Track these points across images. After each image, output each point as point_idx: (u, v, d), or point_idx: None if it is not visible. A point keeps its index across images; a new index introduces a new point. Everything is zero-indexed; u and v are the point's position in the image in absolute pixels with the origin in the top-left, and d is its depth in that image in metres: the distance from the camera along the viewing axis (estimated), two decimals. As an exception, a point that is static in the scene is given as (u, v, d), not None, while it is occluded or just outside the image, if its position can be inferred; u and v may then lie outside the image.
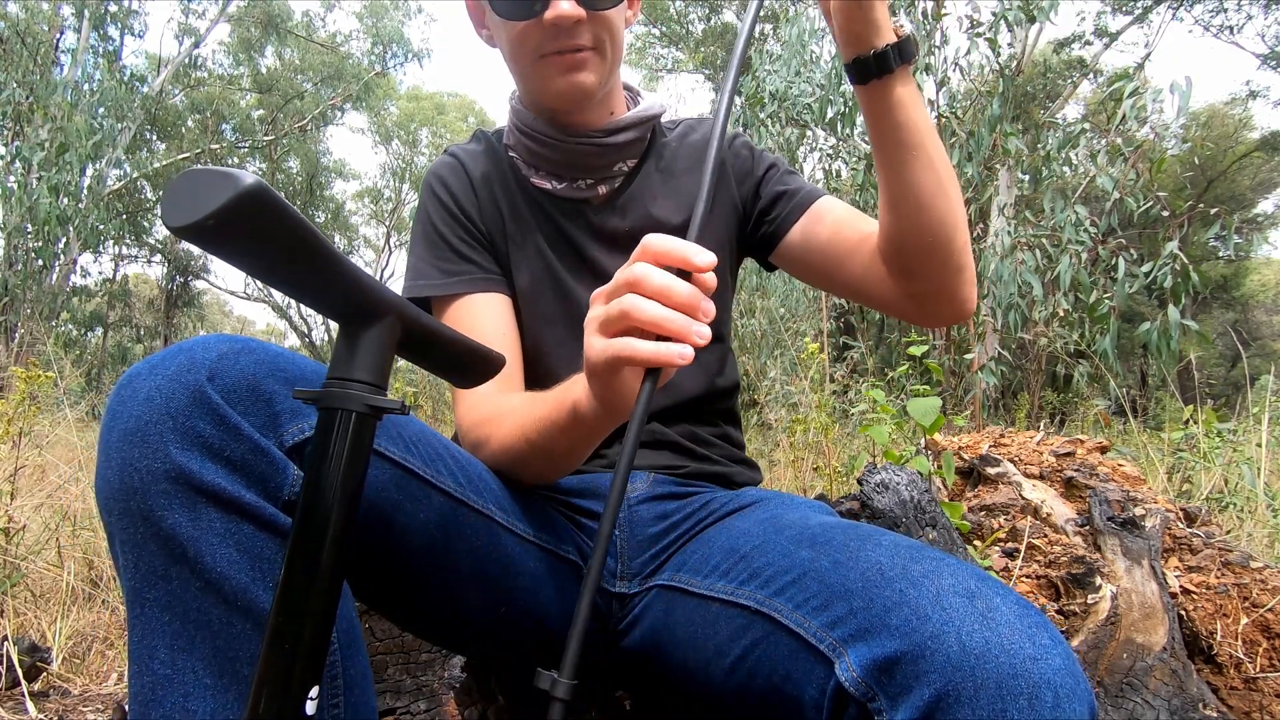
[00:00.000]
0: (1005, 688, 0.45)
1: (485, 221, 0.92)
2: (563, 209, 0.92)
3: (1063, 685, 0.46)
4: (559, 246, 0.91)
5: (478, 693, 0.91)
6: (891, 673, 0.49)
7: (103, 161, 9.22)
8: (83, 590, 1.91)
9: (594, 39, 0.82)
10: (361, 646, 0.61)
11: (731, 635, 0.63)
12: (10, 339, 7.81)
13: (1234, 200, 13.88)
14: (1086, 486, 1.35)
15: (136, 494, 0.50)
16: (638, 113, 0.91)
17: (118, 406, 0.52)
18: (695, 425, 0.92)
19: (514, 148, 0.94)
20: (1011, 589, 0.52)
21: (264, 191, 0.36)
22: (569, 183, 0.91)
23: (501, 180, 0.93)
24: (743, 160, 0.96)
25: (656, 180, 0.94)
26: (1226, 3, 11.37)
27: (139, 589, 0.51)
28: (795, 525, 0.67)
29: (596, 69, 0.83)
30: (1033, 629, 0.48)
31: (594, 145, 0.89)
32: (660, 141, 0.97)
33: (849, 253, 0.86)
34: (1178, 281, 3.15)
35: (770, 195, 0.93)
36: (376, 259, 20.36)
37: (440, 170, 0.94)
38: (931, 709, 0.46)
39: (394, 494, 0.64)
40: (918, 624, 0.49)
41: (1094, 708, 0.47)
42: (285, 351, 0.59)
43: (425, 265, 0.90)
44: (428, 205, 0.93)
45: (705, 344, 0.55)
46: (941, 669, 0.46)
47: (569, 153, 0.89)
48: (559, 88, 0.83)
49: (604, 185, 0.91)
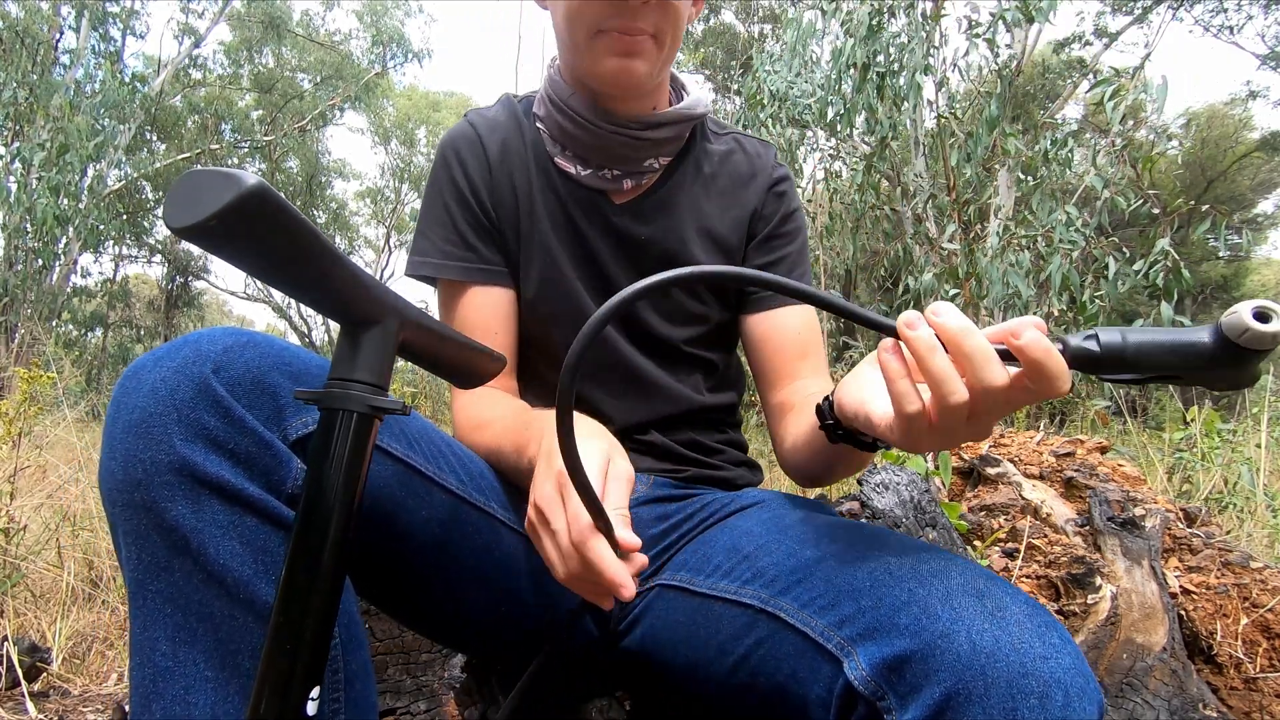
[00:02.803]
0: (1016, 686, 0.45)
1: (497, 206, 0.88)
2: (581, 201, 0.88)
3: (1073, 684, 0.46)
4: (570, 245, 0.88)
5: (478, 693, 0.91)
6: (901, 671, 0.48)
7: (103, 162, 9.22)
8: (83, 590, 1.91)
9: (655, 26, 0.78)
10: (363, 643, 0.61)
11: (734, 634, 0.62)
12: (10, 339, 7.81)
13: (1234, 200, 13.88)
14: (1086, 486, 1.36)
15: (140, 486, 0.50)
16: (680, 109, 0.87)
17: (122, 398, 0.52)
18: (698, 433, 0.91)
19: (543, 120, 0.89)
20: (1019, 589, 0.52)
21: (266, 192, 0.36)
22: (595, 170, 0.86)
23: (521, 157, 0.88)
24: (774, 197, 0.93)
25: (689, 190, 0.90)
26: (1226, 3, 11.37)
27: (141, 580, 0.51)
28: (799, 525, 0.67)
29: (651, 58, 0.79)
30: (1042, 628, 0.48)
31: (628, 137, 0.84)
32: (702, 146, 0.92)
33: (770, 384, 0.89)
34: (1170, 279, 3.16)
35: (760, 264, 0.91)
36: (376, 259, 20.35)
37: (457, 142, 0.89)
38: (942, 707, 0.46)
39: (396, 491, 0.64)
40: (927, 622, 0.49)
41: (1103, 707, 0.47)
42: (290, 345, 0.60)
43: (428, 242, 0.88)
44: (440, 179, 0.89)
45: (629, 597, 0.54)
46: (952, 667, 0.46)
47: (601, 139, 0.85)
48: (608, 69, 0.78)
49: (630, 180, 0.87)
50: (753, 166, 0.93)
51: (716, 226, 0.91)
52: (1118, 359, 0.47)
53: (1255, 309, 0.44)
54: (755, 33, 10.78)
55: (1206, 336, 0.45)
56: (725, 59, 12.49)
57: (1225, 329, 0.44)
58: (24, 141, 7.89)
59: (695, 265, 0.87)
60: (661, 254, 0.89)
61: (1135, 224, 3.93)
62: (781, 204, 0.93)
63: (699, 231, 0.89)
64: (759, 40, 9.13)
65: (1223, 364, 0.45)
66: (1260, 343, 0.44)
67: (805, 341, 0.89)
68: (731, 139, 0.95)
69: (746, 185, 0.92)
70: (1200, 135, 13.83)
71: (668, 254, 0.89)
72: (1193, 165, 13.88)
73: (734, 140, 0.95)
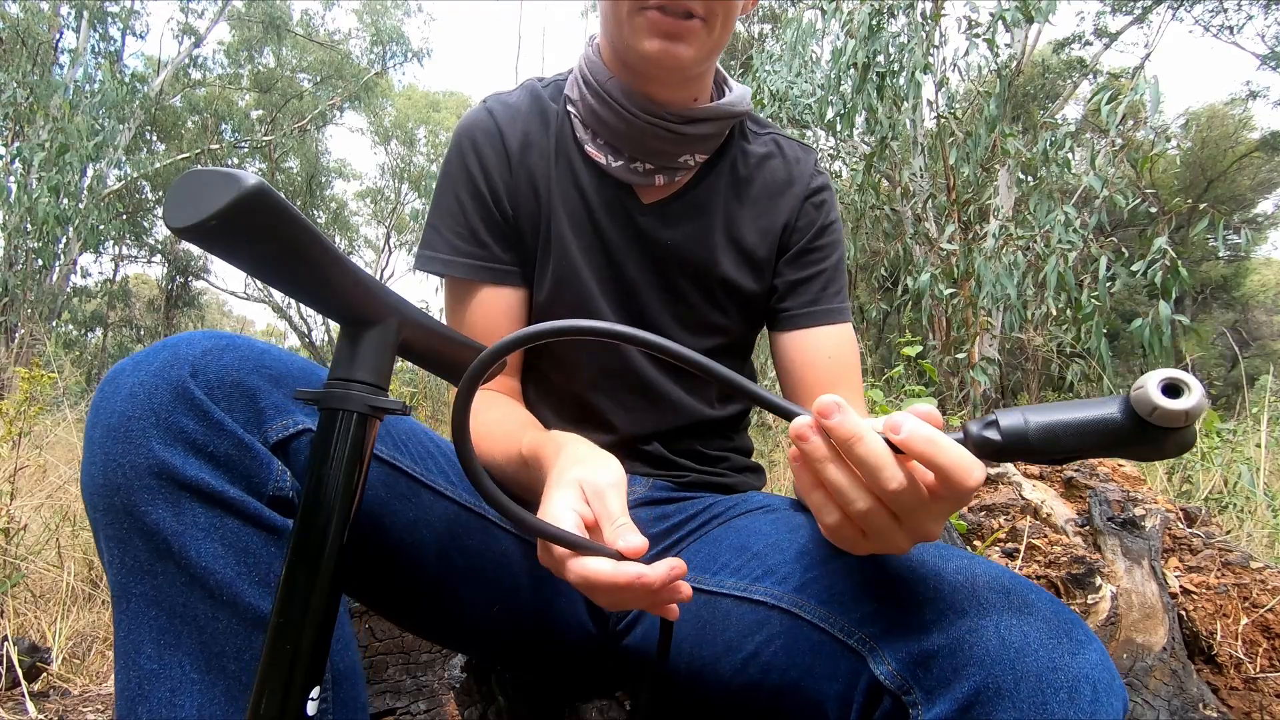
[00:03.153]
0: (1045, 681, 0.45)
1: (515, 204, 0.83)
2: (605, 199, 0.83)
3: (1100, 680, 0.46)
4: (589, 246, 0.83)
5: (478, 693, 0.91)
6: (929, 666, 0.48)
7: (103, 162, 9.22)
8: (83, 590, 1.91)
9: (706, 9, 0.72)
10: (351, 640, 0.61)
11: (743, 631, 0.62)
12: (10, 339, 7.81)
13: (1234, 200, 13.87)
14: (1086, 486, 1.36)
15: (120, 490, 0.50)
16: (723, 105, 0.82)
17: (101, 402, 0.52)
18: (703, 443, 0.90)
19: (576, 104, 0.83)
20: (1040, 586, 0.52)
21: (266, 192, 0.36)
22: (626, 161, 0.81)
23: (543, 148, 0.83)
24: (811, 208, 0.88)
25: (722, 195, 0.85)
26: (1226, 3, 11.38)
27: (125, 584, 0.51)
28: (810, 525, 0.66)
29: (699, 44, 0.74)
30: (1069, 624, 0.48)
31: (665, 130, 0.79)
32: (739, 146, 0.87)
33: (801, 401, 0.83)
34: (1167, 278, 3.17)
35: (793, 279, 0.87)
36: (377, 259, 20.35)
37: (474, 131, 0.84)
38: (970, 702, 0.46)
39: (381, 493, 0.64)
40: (955, 618, 0.49)
41: (1127, 703, 0.47)
42: (271, 348, 0.59)
43: (438, 235, 0.84)
44: (454, 167, 0.84)
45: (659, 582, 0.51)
46: (981, 662, 0.46)
47: (635, 130, 0.80)
48: (651, 50, 0.73)
49: (663, 175, 0.82)
50: (790, 174, 0.88)
51: (746, 237, 0.86)
52: (1022, 445, 0.42)
53: (1163, 382, 0.38)
54: (755, 33, 10.77)
55: (1116, 412, 0.40)
56: (725, 59, 12.51)
57: (1134, 404, 0.39)
58: (24, 142, 7.90)
59: (723, 277, 0.85)
60: (687, 262, 0.84)
61: (1135, 224, 3.94)
62: (819, 215, 0.88)
63: (729, 241, 0.85)
64: (759, 40, 9.13)
65: (1139, 440, 0.40)
66: (1171, 420, 0.38)
67: (838, 362, 0.86)
68: (770, 140, 0.90)
69: (782, 194, 0.88)
70: (1200, 135, 13.83)
71: (694, 263, 0.85)
72: (1193, 165, 13.88)
73: (773, 142, 0.90)
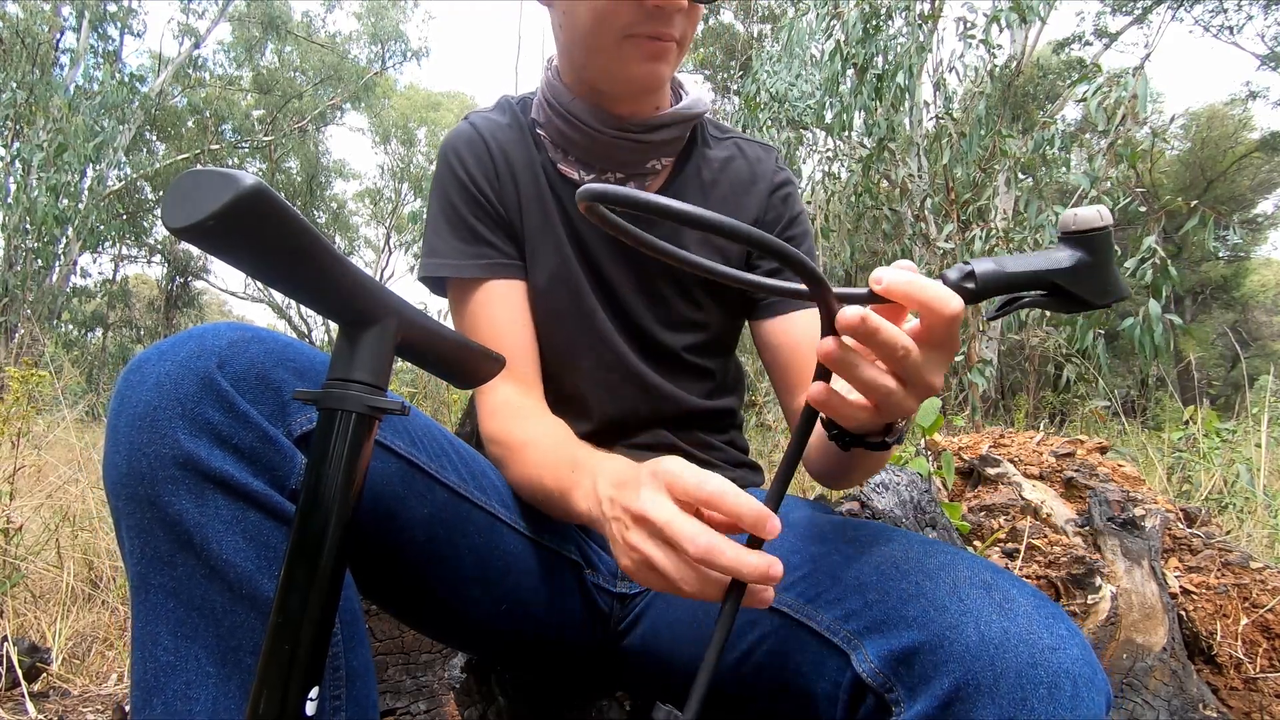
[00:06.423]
0: (1025, 677, 0.45)
1: (504, 203, 0.86)
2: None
3: (1081, 675, 0.46)
4: (575, 246, 0.86)
5: (478, 693, 0.91)
6: (910, 663, 0.49)
7: (103, 162, 9.22)
8: (83, 590, 1.91)
9: (681, 31, 0.78)
10: (364, 640, 0.61)
11: (738, 631, 0.63)
12: (10, 339, 7.81)
13: (1234, 200, 13.87)
14: (1086, 487, 1.36)
15: (144, 479, 0.50)
16: (681, 109, 0.86)
17: (127, 391, 0.52)
18: (705, 433, 0.91)
19: (543, 126, 0.88)
20: (1025, 581, 0.52)
21: (264, 192, 0.36)
22: (598, 174, 0.85)
23: (525, 159, 0.87)
24: (778, 201, 0.91)
25: (694, 198, 0.88)
26: (1226, 3, 11.38)
27: (144, 574, 0.51)
28: (802, 523, 0.67)
29: (674, 62, 0.79)
30: (1050, 619, 0.48)
31: (631, 140, 0.84)
32: (701, 152, 0.91)
33: (787, 390, 0.86)
34: (1158, 276, 3.17)
35: (769, 269, 0.88)
36: (376, 259, 20.35)
37: (457, 142, 0.88)
38: (950, 699, 0.46)
39: (398, 488, 0.64)
40: (935, 615, 0.49)
41: (1110, 698, 0.47)
42: (295, 341, 0.60)
43: (441, 243, 0.85)
44: (444, 180, 0.87)
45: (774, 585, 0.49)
46: (960, 658, 0.46)
47: (601, 144, 0.84)
48: (638, 73, 0.78)
49: (634, 183, 0.86)
50: (754, 172, 0.92)
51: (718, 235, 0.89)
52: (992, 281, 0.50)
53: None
54: (754, 33, 10.77)
55: (1059, 247, 0.51)
56: (724, 59, 12.49)
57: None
58: (24, 142, 7.89)
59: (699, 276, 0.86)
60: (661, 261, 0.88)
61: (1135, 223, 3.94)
62: (786, 208, 0.92)
63: (702, 239, 0.87)
64: (758, 41, 9.13)
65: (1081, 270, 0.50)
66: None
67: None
68: (732, 144, 0.94)
69: (748, 191, 0.91)
70: (1200, 135, 13.83)
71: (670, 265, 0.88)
72: (1193, 165, 13.89)
73: (734, 145, 0.94)
